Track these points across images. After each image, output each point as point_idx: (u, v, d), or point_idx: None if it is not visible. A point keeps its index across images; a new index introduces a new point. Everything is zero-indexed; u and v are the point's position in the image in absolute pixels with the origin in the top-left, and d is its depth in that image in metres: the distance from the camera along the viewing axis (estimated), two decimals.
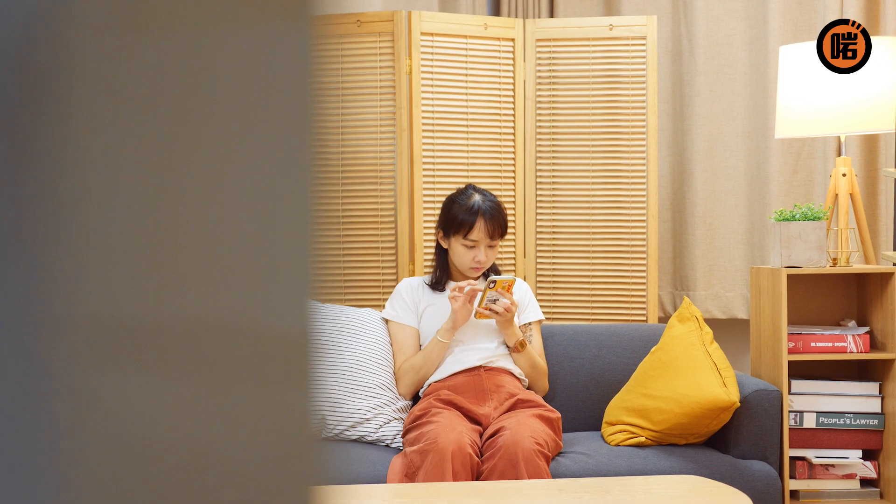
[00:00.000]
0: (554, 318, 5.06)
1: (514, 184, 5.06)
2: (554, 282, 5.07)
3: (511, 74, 5.06)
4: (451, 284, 4.31)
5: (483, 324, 4.28)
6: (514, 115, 5.06)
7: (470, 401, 4.09)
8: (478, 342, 4.27)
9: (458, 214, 4.23)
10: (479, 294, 4.13)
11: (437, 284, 4.36)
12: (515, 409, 4.06)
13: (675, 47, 5.67)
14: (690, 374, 4.23)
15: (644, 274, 5.01)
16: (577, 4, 5.82)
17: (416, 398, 4.33)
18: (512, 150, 5.06)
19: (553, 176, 5.07)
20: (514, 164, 5.06)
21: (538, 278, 5.06)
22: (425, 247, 4.85)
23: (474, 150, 4.99)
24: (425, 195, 4.87)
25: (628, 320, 5.00)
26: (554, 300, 5.07)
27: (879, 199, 5.31)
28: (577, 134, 5.06)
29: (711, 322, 5.54)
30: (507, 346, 4.30)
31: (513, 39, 5.06)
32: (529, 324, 4.39)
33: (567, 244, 5.07)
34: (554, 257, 5.07)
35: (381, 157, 4.90)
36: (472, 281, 4.22)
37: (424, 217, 4.86)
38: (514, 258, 5.05)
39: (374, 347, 4.29)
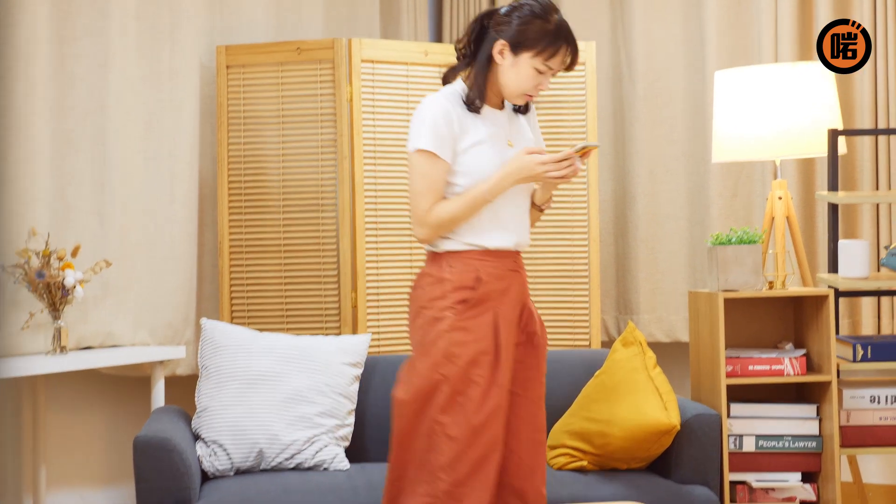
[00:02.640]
0: None
1: None
2: None
3: None
4: (488, 110, 3.63)
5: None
6: None
7: (509, 320, 3.57)
8: (515, 199, 3.65)
9: (542, 32, 3.52)
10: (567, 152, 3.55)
11: (473, 105, 3.59)
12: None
13: (615, 72, 5.70)
14: (633, 398, 4.25)
15: (587, 298, 5.03)
16: None
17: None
18: None
19: None
20: None
21: None
22: (368, 274, 4.85)
23: None
24: (367, 222, 4.87)
25: (573, 345, 5.01)
26: None
27: (817, 221, 5.34)
28: None
29: (656, 346, 5.56)
30: (533, 206, 3.76)
31: None
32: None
33: None
34: None
35: (323, 184, 4.90)
36: (568, 151, 3.52)
37: (367, 244, 4.86)
38: None
39: (314, 376, 4.28)
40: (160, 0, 4.91)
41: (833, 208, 4.71)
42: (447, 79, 3.68)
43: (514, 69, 3.54)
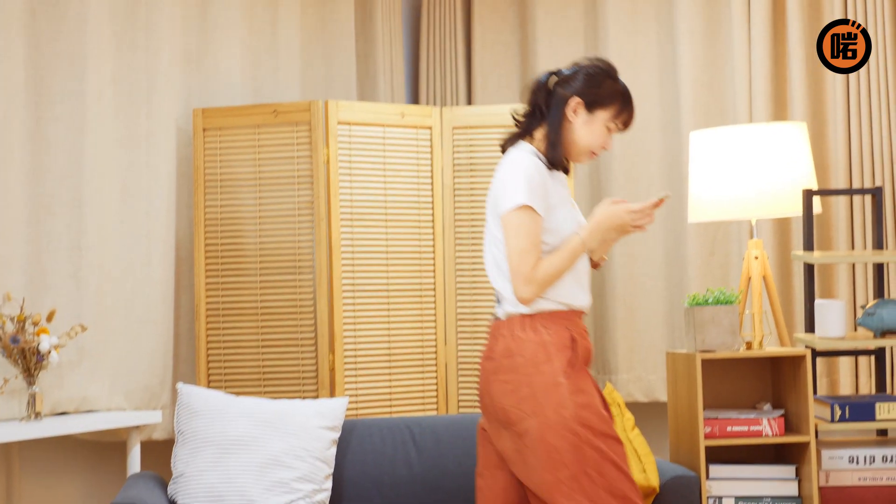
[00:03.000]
0: (477, 406, 5.05)
1: (433, 270, 5.07)
2: (476, 369, 5.07)
3: (429, 162, 5.08)
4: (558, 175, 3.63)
5: None
6: (432, 202, 5.08)
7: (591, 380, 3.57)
8: (586, 256, 3.65)
9: (615, 92, 3.60)
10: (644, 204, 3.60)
11: (560, 163, 3.61)
12: None
13: None
14: None
15: None
16: (495, 92, 5.87)
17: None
18: (431, 236, 5.07)
19: (473, 262, 5.08)
20: (433, 251, 5.07)
21: (460, 365, 5.06)
22: (345, 337, 4.84)
23: (393, 238, 5.00)
24: (345, 284, 4.87)
25: None
26: (477, 387, 5.06)
27: (793, 280, 5.35)
28: None
29: (634, 405, 5.56)
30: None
31: (430, 127, 5.09)
32: None
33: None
34: (475, 344, 5.07)
35: (300, 246, 4.89)
36: (652, 201, 3.58)
37: (345, 306, 4.85)
38: (435, 346, 5.05)
39: (292, 440, 4.25)
40: (136, 64, 4.92)
41: (809, 268, 4.72)
42: (506, 146, 3.68)
43: (587, 127, 3.57)
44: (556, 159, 3.57)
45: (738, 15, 5.43)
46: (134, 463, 4.65)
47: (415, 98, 5.99)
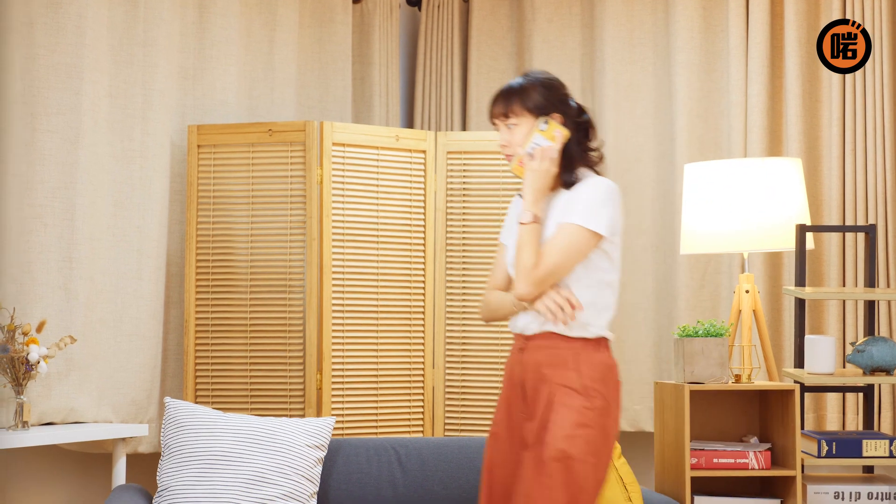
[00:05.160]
0: (463, 430, 5.05)
1: (423, 293, 5.07)
2: (463, 392, 5.07)
3: (422, 186, 5.09)
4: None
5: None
6: (424, 226, 5.09)
7: (510, 398, 3.65)
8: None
9: None
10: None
11: None
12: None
13: None
14: None
15: None
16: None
17: None
18: (422, 259, 5.08)
19: (464, 286, 5.09)
20: (423, 274, 5.08)
21: (447, 389, 5.06)
22: (333, 357, 4.83)
23: (384, 259, 5.01)
24: (335, 304, 4.86)
25: None
26: (463, 411, 5.06)
27: (783, 315, 5.36)
28: (487, 245, 5.08)
29: (620, 435, 5.55)
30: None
31: (424, 151, 5.10)
32: (564, 224, 3.54)
33: (477, 354, 5.07)
34: (464, 367, 5.07)
35: (291, 265, 4.89)
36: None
37: (334, 326, 4.85)
38: (423, 368, 5.04)
39: (278, 457, 4.24)
40: (133, 79, 4.92)
41: (800, 303, 4.73)
42: None
43: None
44: None
45: (736, 48, 5.45)
46: (119, 475, 4.63)
47: (409, 122, 6.00)
